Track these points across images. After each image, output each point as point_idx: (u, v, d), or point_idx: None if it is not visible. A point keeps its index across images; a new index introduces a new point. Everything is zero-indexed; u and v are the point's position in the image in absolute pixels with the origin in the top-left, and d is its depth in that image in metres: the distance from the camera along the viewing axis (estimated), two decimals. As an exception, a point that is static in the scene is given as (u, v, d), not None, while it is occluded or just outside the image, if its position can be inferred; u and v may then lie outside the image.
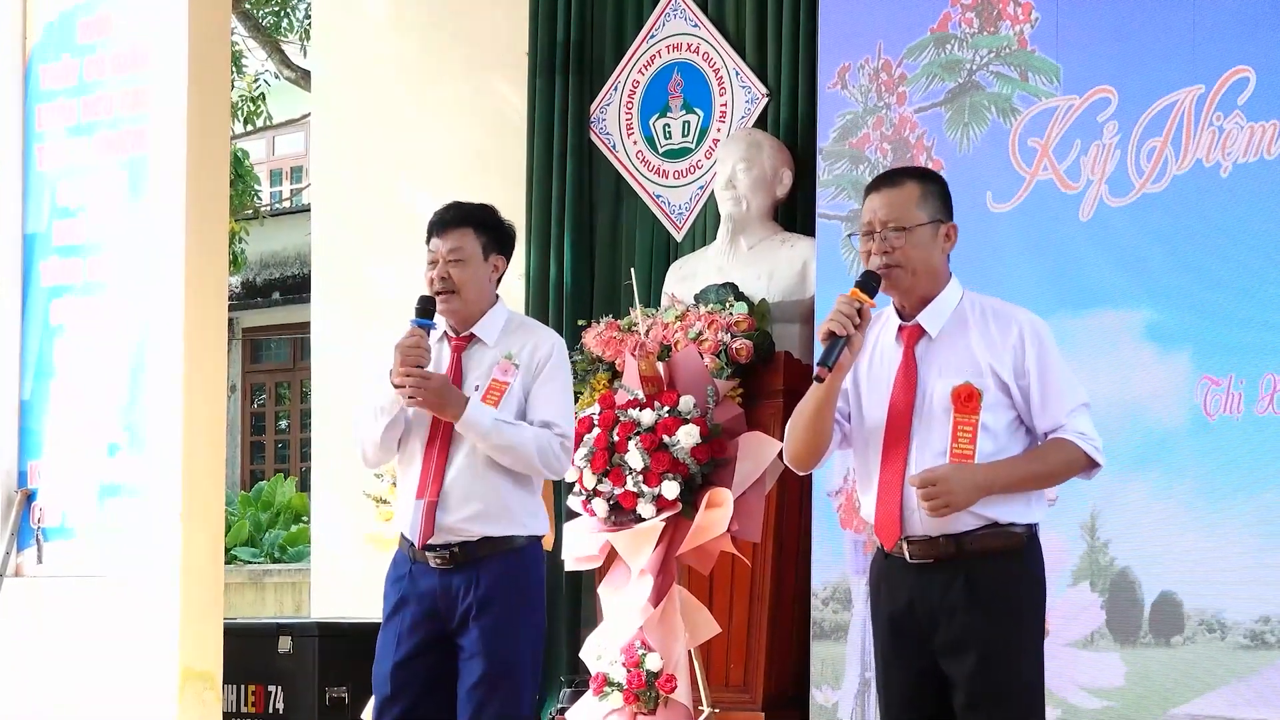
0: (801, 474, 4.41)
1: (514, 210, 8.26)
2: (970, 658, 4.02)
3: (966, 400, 3.97)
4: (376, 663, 4.98)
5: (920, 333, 4.13)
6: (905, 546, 4.07)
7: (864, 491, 4.19)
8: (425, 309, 4.89)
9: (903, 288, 4.12)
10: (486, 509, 4.84)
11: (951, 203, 4.20)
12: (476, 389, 4.86)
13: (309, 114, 11.81)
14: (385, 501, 6.64)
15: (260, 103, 15.90)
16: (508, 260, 5.05)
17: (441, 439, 4.87)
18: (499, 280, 5.03)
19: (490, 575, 4.83)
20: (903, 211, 4.10)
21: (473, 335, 4.96)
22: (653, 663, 6.18)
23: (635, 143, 8.10)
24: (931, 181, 4.20)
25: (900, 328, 4.16)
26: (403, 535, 4.96)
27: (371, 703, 5.05)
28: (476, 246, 4.95)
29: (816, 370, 4.03)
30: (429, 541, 4.85)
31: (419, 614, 4.89)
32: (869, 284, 4.07)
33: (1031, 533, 4.12)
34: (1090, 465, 4.08)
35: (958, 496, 3.95)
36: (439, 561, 4.86)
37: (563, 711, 6.94)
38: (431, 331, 4.89)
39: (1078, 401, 4.08)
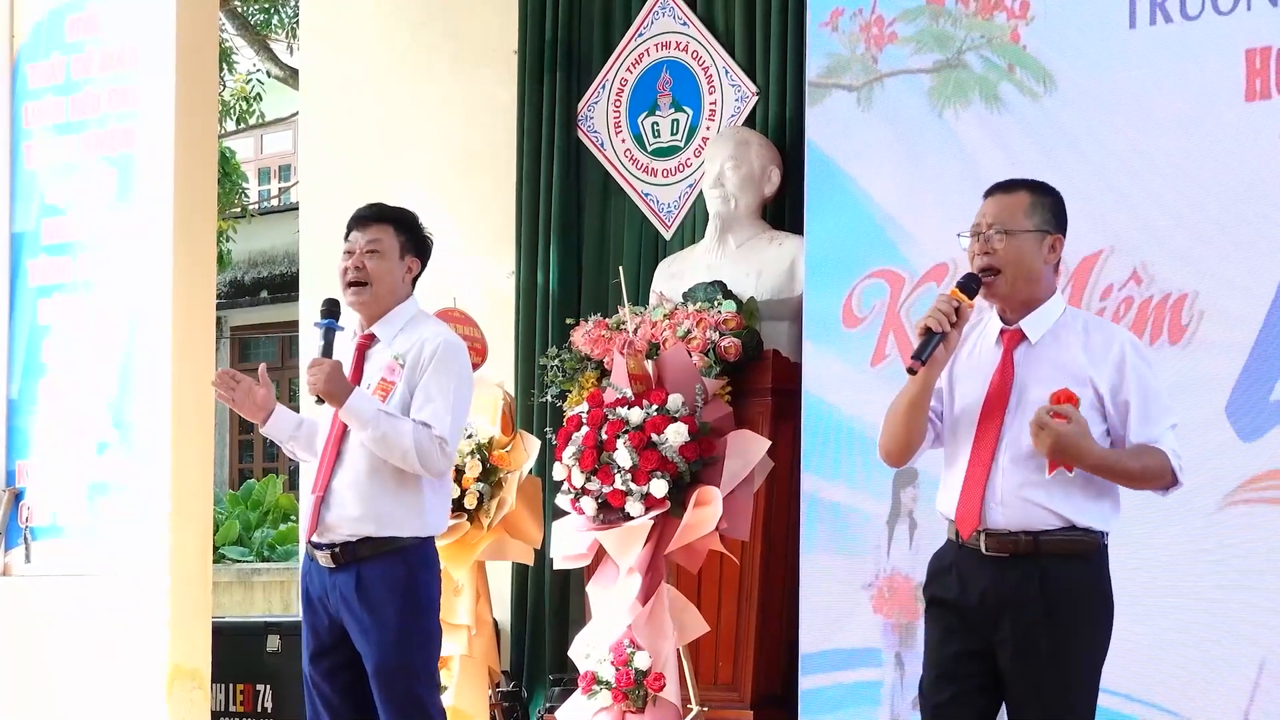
0: (893, 468, 4.53)
1: (503, 208, 8.33)
2: (1030, 658, 4.07)
3: (1056, 400, 4.03)
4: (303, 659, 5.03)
5: (1021, 337, 4.20)
6: (982, 538, 4.12)
7: (946, 481, 4.25)
8: (330, 310, 4.96)
9: (1000, 294, 4.18)
10: (367, 510, 4.85)
11: (1065, 217, 4.25)
12: (369, 388, 4.90)
13: (297, 112, 11.80)
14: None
15: (255, 102, 15.91)
16: (423, 265, 5.08)
17: (336, 438, 4.91)
18: (414, 282, 5.07)
19: (372, 575, 4.84)
20: (1009, 216, 4.18)
21: (373, 334, 4.99)
22: (641, 661, 6.18)
23: (623, 141, 8.10)
24: (1045, 194, 4.26)
25: (1001, 331, 4.22)
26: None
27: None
28: (394, 243, 5.01)
29: (909, 363, 4.10)
30: (313, 539, 4.89)
31: (319, 612, 4.94)
32: (969, 285, 4.15)
33: (1103, 543, 4.18)
34: (1173, 482, 4.15)
35: (1065, 440, 3.96)
36: (326, 560, 4.89)
37: (551, 710, 6.94)
38: (338, 333, 4.94)
39: (1171, 420, 4.16)
